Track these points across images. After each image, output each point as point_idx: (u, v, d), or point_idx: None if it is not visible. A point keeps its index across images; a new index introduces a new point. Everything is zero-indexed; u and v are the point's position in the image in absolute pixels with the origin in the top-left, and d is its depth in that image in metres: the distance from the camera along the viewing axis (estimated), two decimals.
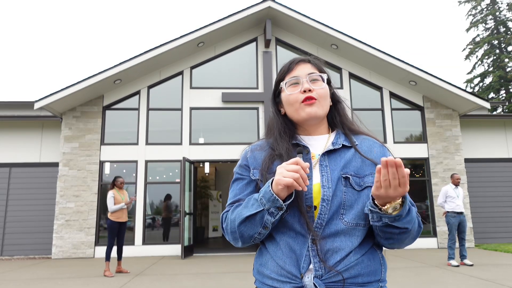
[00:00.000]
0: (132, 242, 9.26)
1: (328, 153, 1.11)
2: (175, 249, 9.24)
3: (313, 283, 0.98)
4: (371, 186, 1.05)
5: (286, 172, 0.95)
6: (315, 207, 1.03)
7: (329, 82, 1.20)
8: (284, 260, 1.03)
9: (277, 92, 1.22)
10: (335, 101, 1.23)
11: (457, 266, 6.79)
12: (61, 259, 9.00)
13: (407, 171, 0.88)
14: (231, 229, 1.07)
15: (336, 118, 1.21)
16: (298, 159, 0.98)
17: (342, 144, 1.13)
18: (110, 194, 6.65)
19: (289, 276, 1.01)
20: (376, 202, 0.96)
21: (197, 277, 6.25)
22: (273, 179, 0.99)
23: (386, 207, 0.94)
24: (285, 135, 1.15)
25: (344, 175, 1.06)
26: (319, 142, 1.16)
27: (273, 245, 1.06)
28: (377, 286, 1.02)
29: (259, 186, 1.11)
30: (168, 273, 6.64)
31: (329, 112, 1.21)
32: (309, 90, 1.12)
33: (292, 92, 1.14)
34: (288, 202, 1.00)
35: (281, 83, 1.18)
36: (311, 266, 1.00)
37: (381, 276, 1.04)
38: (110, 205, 6.56)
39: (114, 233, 6.60)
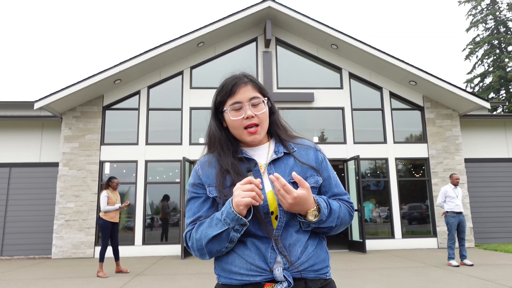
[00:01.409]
0: (132, 242, 9.26)
1: (273, 162, 1.24)
2: (175, 249, 9.24)
3: (283, 275, 1.11)
4: (313, 186, 1.22)
5: (243, 193, 1.08)
6: (272, 212, 1.16)
7: (266, 97, 1.30)
8: (253, 257, 1.14)
9: (219, 110, 1.28)
10: (271, 113, 1.33)
11: (457, 266, 6.79)
12: (61, 259, 8.99)
13: (282, 182, 1.07)
14: (197, 247, 1.17)
15: (272, 128, 1.32)
16: (251, 178, 1.10)
17: (284, 152, 1.26)
18: (104, 193, 6.63)
19: (258, 270, 1.13)
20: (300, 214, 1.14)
21: (197, 277, 6.25)
22: (231, 200, 1.11)
23: (307, 216, 1.13)
24: (229, 150, 1.25)
25: (291, 181, 1.18)
26: (261, 151, 1.28)
27: (241, 246, 1.16)
28: (326, 271, 1.21)
29: (217, 201, 1.21)
30: (168, 273, 6.64)
31: None
32: (252, 117, 1.22)
33: (235, 117, 1.23)
34: (250, 217, 1.12)
35: (224, 107, 1.25)
36: (278, 259, 1.13)
37: (328, 263, 1.23)
38: (103, 205, 6.55)
39: (108, 234, 6.58)
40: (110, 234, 6.62)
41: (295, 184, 1.16)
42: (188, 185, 1.28)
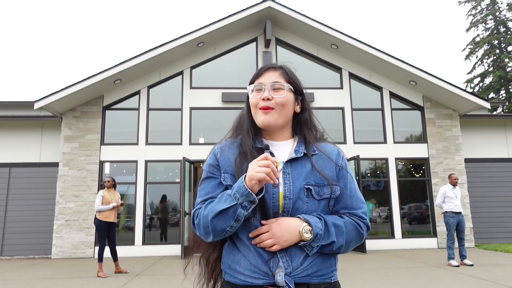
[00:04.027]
0: (132, 242, 9.26)
1: (290, 161, 1.19)
2: (175, 249, 9.24)
3: (285, 281, 1.08)
4: (326, 198, 1.18)
5: (258, 168, 1.04)
6: (281, 215, 1.14)
7: (298, 92, 1.27)
8: (256, 260, 1.12)
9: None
10: (302, 109, 1.29)
11: (457, 266, 6.79)
12: (61, 259, 8.99)
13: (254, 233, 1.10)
14: (203, 224, 1.14)
15: (299, 125, 1.28)
16: (267, 155, 1.07)
17: (303, 153, 1.21)
18: (99, 193, 6.75)
19: (261, 273, 1.11)
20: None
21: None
22: (245, 175, 1.08)
23: (302, 237, 1.10)
24: (251, 133, 1.24)
25: (306, 186, 1.15)
26: (282, 147, 1.24)
27: (245, 246, 1.15)
28: (332, 275, 1.18)
29: (229, 188, 1.17)
30: (168, 273, 6.64)
31: (294, 119, 1.29)
32: (268, 99, 1.20)
33: (255, 97, 1.23)
34: (260, 196, 1.08)
35: (248, 86, 1.28)
36: (280, 264, 1.10)
37: (334, 267, 1.20)
38: (97, 204, 6.65)
39: (103, 233, 6.63)
40: (106, 233, 6.66)
41: (308, 191, 1.15)
42: (205, 165, 1.26)
